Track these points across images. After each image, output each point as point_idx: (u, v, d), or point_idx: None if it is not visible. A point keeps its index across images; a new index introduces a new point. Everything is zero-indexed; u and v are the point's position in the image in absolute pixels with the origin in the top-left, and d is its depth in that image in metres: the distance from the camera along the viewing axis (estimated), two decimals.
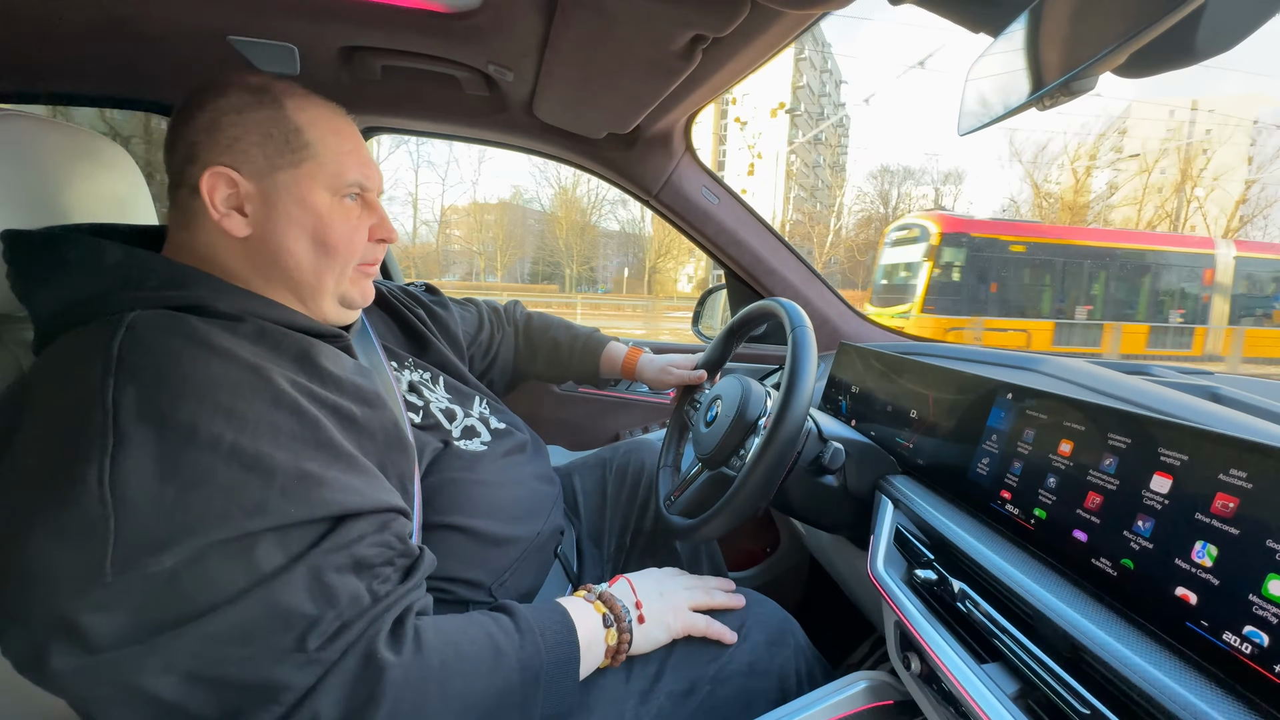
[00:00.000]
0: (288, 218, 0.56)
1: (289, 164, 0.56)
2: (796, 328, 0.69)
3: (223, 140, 0.54)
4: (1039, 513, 0.50)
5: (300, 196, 0.56)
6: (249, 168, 0.54)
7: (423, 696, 0.44)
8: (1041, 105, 0.39)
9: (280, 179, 0.55)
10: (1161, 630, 0.38)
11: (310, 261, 0.58)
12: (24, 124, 0.60)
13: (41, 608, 0.37)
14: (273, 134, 0.55)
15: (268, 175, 0.55)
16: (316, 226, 0.57)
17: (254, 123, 0.55)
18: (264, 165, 0.55)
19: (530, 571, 0.73)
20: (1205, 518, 0.37)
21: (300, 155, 0.56)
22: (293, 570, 0.41)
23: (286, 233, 0.56)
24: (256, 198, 0.55)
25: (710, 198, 1.23)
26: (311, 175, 0.57)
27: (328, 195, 0.58)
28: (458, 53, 0.88)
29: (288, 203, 0.56)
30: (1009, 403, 0.58)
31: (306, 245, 0.57)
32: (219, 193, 0.54)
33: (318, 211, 0.57)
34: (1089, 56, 0.37)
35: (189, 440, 0.41)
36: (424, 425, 0.68)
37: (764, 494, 0.64)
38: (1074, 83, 0.37)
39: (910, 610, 0.53)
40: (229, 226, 0.54)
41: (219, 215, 0.54)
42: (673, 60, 0.72)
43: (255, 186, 0.55)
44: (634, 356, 1.03)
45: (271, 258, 0.56)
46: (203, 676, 0.39)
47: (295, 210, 0.56)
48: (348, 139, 0.60)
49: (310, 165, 0.56)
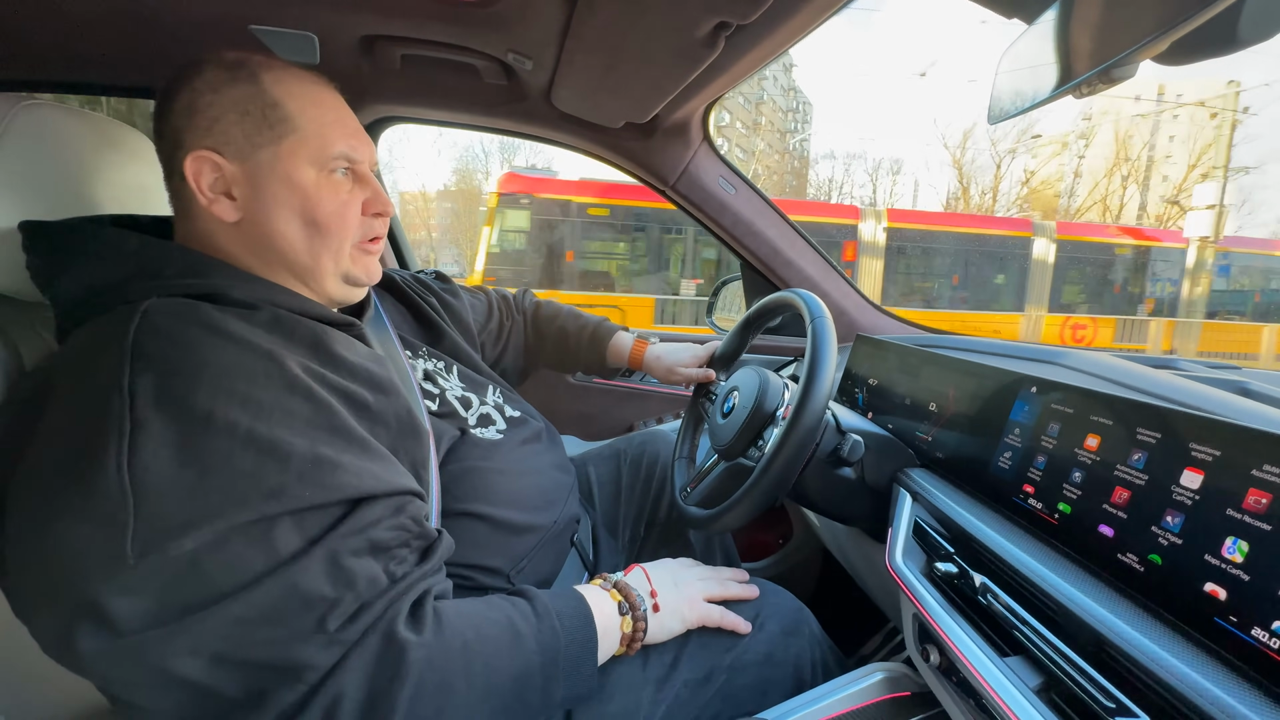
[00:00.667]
0: (274, 198, 0.54)
1: (269, 140, 0.54)
2: (816, 318, 0.69)
3: (202, 123, 0.53)
4: (1063, 507, 0.50)
5: (285, 174, 0.54)
6: (231, 149, 0.53)
7: (447, 675, 0.45)
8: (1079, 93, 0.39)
9: (263, 157, 0.54)
10: (1189, 626, 0.38)
11: (303, 242, 0.56)
12: (50, 113, 0.61)
13: (67, 591, 0.38)
14: (250, 110, 0.53)
15: (250, 155, 0.53)
16: (304, 204, 0.55)
17: (231, 101, 0.53)
18: (245, 145, 0.53)
19: (548, 559, 0.74)
20: (1237, 513, 0.37)
21: (280, 130, 0.54)
22: (310, 553, 0.42)
23: (275, 213, 0.55)
24: (242, 179, 0.54)
25: (727, 188, 1.22)
26: (293, 151, 0.54)
27: (313, 170, 0.55)
28: (478, 41, 0.88)
29: (272, 182, 0.54)
30: (1033, 396, 0.57)
31: (297, 225, 0.55)
32: (204, 178, 0.53)
33: (304, 188, 0.55)
34: (1130, 44, 0.36)
35: (206, 426, 0.41)
36: (441, 413, 0.68)
37: (783, 484, 0.64)
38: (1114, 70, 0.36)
39: (930, 603, 0.53)
40: (218, 212, 0.53)
41: (207, 201, 0.53)
42: (696, 47, 0.72)
43: (239, 168, 0.53)
44: (640, 349, 1.02)
45: (265, 241, 0.55)
46: (228, 658, 0.40)
47: (281, 189, 0.54)
48: (330, 109, 0.58)
49: (292, 140, 0.54)
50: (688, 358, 0.98)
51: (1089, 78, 0.37)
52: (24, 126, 0.58)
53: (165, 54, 0.95)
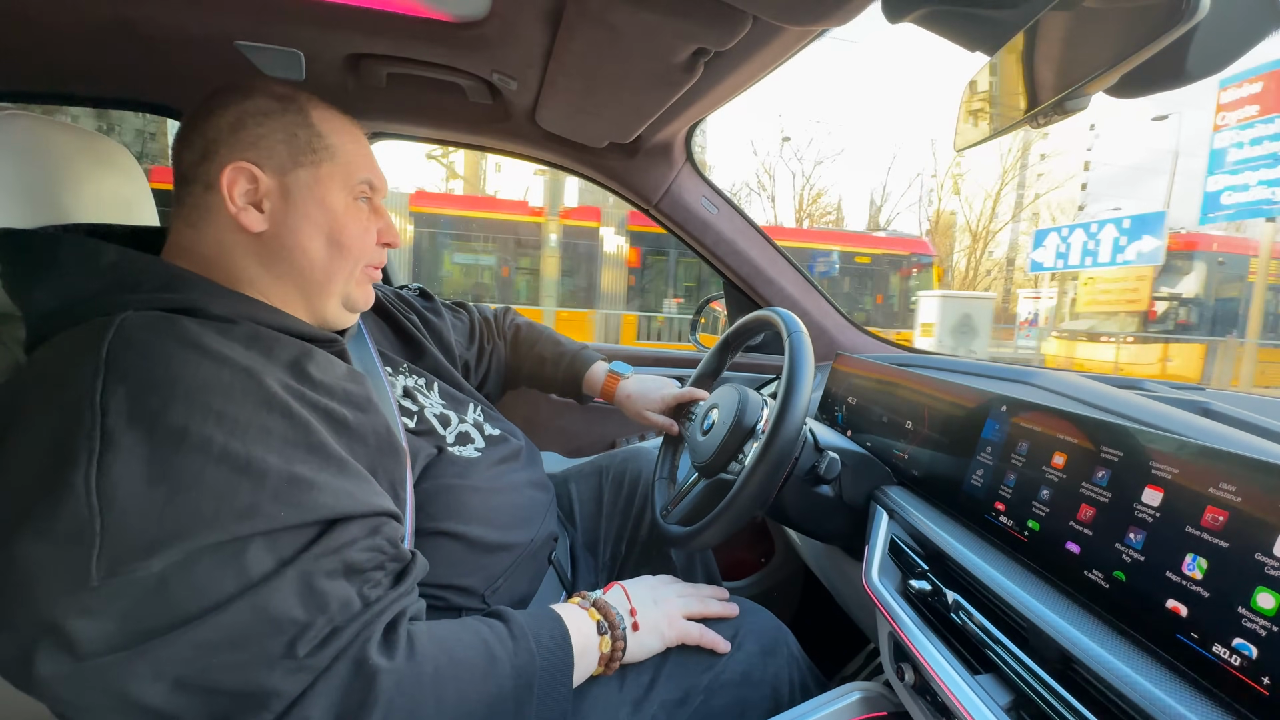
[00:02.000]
0: (305, 215, 0.57)
1: (310, 163, 0.57)
2: (792, 333, 0.70)
3: (248, 138, 0.55)
4: (1032, 524, 0.50)
5: (320, 196, 0.57)
6: (271, 164, 0.55)
7: (416, 703, 0.44)
8: (1035, 123, 0.40)
9: (301, 176, 0.57)
10: (1152, 642, 0.38)
11: (323, 260, 0.58)
12: (28, 123, 0.60)
13: (28, 612, 0.37)
14: (298, 135, 0.57)
15: (290, 172, 0.56)
16: (332, 226, 0.58)
17: (280, 125, 0.56)
18: (287, 162, 0.56)
19: (524, 578, 0.73)
20: (1196, 530, 0.38)
21: (321, 155, 0.58)
22: (283, 575, 0.41)
23: (303, 230, 0.57)
24: (276, 194, 0.56)
25: (710, 207, 1.24)
26: (331, 175, 0.58)
27: (344, 196, 0.59)
28: (463, 61, 0.90)
29: (306, 201, 0.57)
30: (1003, 415, 0.58)
31: (321, 244, 0.58)
32: (239, 187, 0.54)
33: (334, 211, 0.58)
34: (1082, 77, 0.37)
35: (179, 443, 0.40)
36: (418, 430, 0.68)
37: (762, 498, 0.64)
38: (1067, 102, 0.38)
39: (904, 621, 0.53)
40: (245, 221, 0.54)
41: (236, 209, 0.54)
42: (675, 73, 0.73)
43: (276, 182, 0.56)
44: (612, 385, 1.02)
45: (286, 254, 0.57)
46: (191, 683, 0.38)
47: (313, 209, 0.57)
48: (363, 145, 0.62)
49: (329, 166, 0.58)
50: (656, 400, 0.97)
51: (1045, 108, 0.39)
52: (3, 137, 0.57)
53: (151, 69, 0.95)
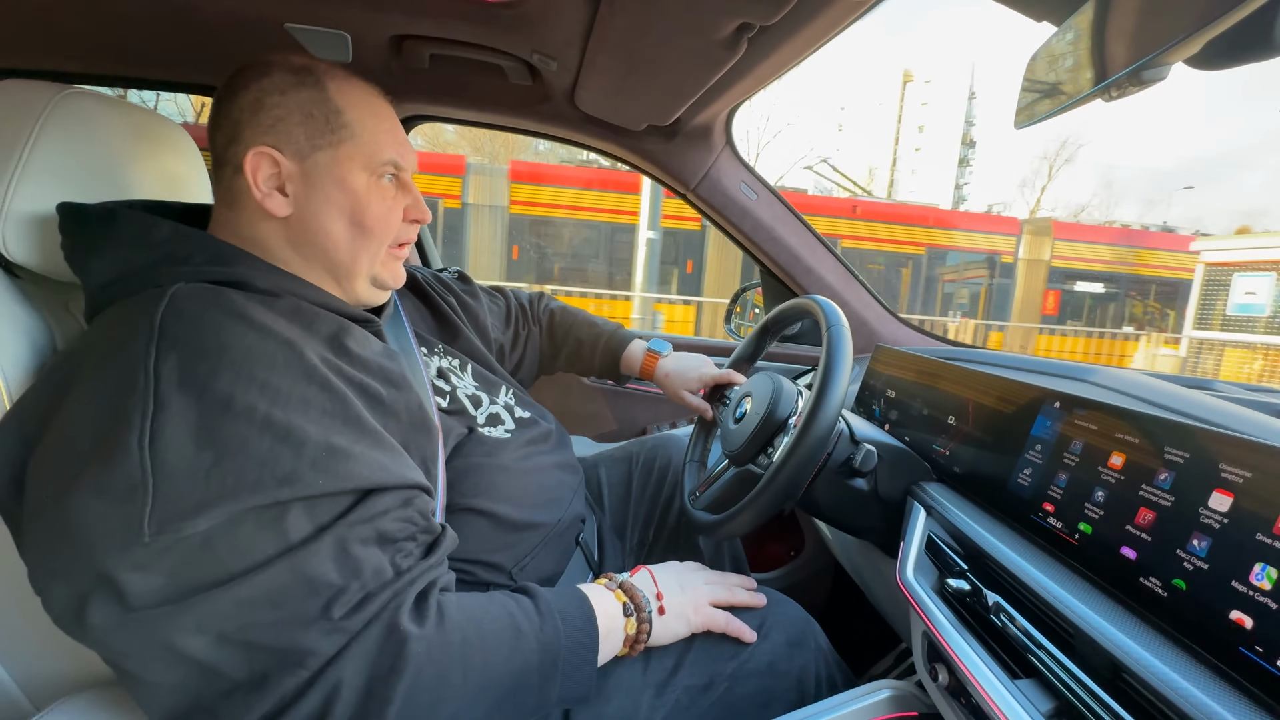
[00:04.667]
0: (326, 198, 0.57)
1: (329, 144, 0.57)
2: (833, 325, 0.67)
3: (266, 120, 0.55)
4: (1084, 527, 0.48)
5: (339, 177, 0.57)
6: (291, 148, 0.55)
7: (444, 670, 0.45)
8: (1108, 96, 0.37)
9: (320, 159, 0.56)
10: (1211, 654, 0.36)
11: (347, 242, 0.59)
12: (90, 102, 0.63)
13: (83, 564, 0.39)
14: (314, 114, 0.56)
15: (309, 155, 0.56)
16: (354, 207, 0.58)
17: (296, 103, 0.56)
18: (305, 145, 0.56)
19: (551, 558, 0.73)
20: (1267, 538, 0.35)
21: (340, 136, 0.57)
22: (320, 540, 0.42)
23: (325, 213, 0.57)
24: (297, 178, 0.56)
25: (749, 193, 1.22)
26: (350, 156, 0.57)
27: (365, 175, 0.58)
28: (503, 41, 0.89)
29: (327, 183, 0.57)
30: (1056, 412, 0.55)
31: (344, 225, 0.58)
32: (262, 172, 0.55)
33: (355, 192, 0.58)
34: (1160, 44, 0.34)
35: (225, 409, 0.42)
36: (450, 410, 0.69)
37: (789, 494, 0.63)
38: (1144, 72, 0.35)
39: (940, 620, 0.51)
40: (271, 206, 0.55)
41: (261, 195, 0.55)
42: (717, 50, 0.71)
43: (297, 167, 0.56)
44: (651, 363, 1.02)
45: (310, 237, 0.58)
46: (233, 639, 0.40)
47: (334, 191, 0.57)
48: (385, 119, 0.61)
49: (349, 146, 0.57)
50: (694, 379, 0.97)
51: (1119, 79, 0.36)
52: (65, 115, 0.60)
53: (204, 52, 0.99)
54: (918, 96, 32.58)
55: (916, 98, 32.63)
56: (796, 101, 33.50)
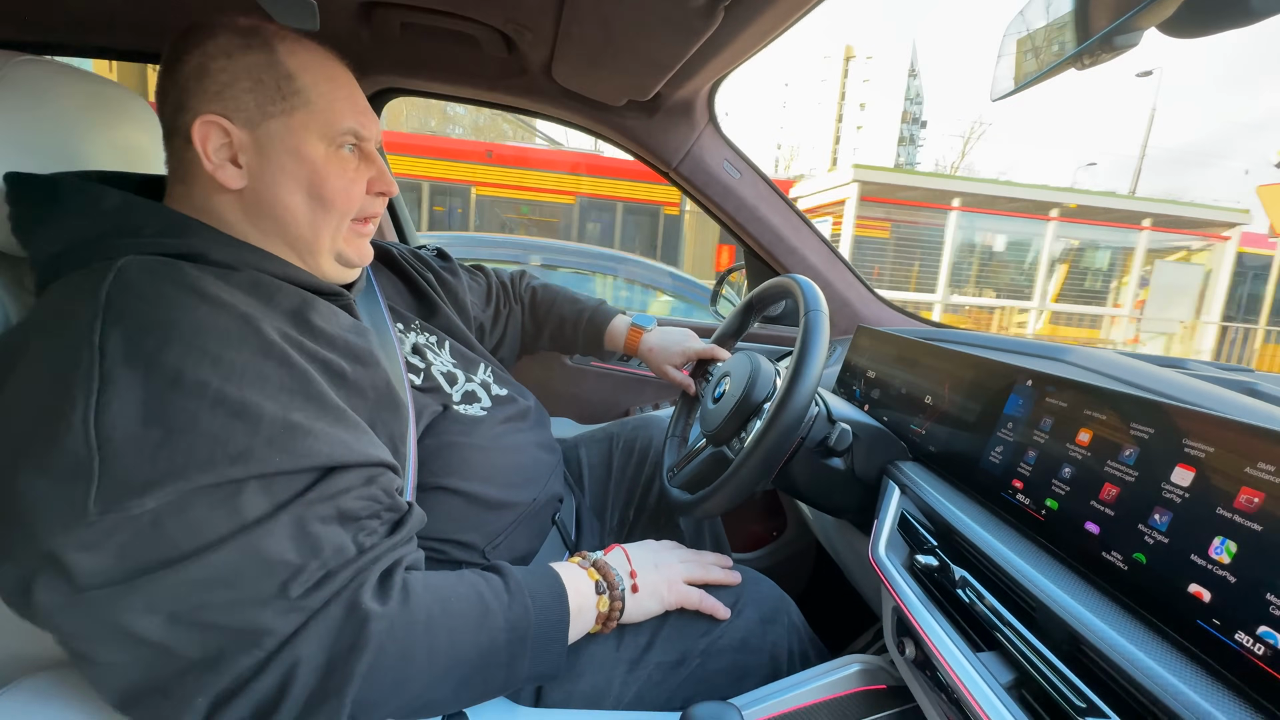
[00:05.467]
0: (281, 169, 0.54)
1: (281, 111, 0.54)
2: (810, 311, 0.66)
3: (213, 87, 0.52)
4: (1051, 503, 0.48)
5: (294, 147, 0.54)
6: (241, 116, 0.53)
7: (408, 648, 0.45)
8: (1080, 64, 0.37)
9: (273, 127, 0.54)
10: (1169, 627, 0.36)
11: (306, 215, 0.56)
12: (42, 69, 0.60)
13: (29, 543, 0.38)
14: (263, 79, 0.53)
15: (260, 124, 0.53)
16: (312, 179, 0.55)
17: (244, 68, 0.53)
18: (256, 113, 0.53)
19: (525, 537, 0.73)
20: (1227, 512, 0.35)
21: (292, 103, 0.54)
22: (277, 518, 0.42)
23: (281, 184, 0.55)
24: (250, 148, 0.53)
25: (732, 172, 1.20)
26: (305, 124, 0.55)
27: (322, 145, 0.56)
28: (475, 9, 0.86)
29: (281, 153, 0.54)
30: (1028, 390, 0.55)
31: (302, 198, 0.56)
32: (212, 142, 0.52)
33: (312, 162, 0.55)
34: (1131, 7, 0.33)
35: (174, 385, 0.40)
36: (424, 387, 0.68)
37: (761, 478, 0.63)
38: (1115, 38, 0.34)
39: (907, 595, 0.51)
40: (223, 178, 0.53)
41: (212, 166, 0.52)
42: (693, 19, 0.69)
43: (248, 136, 0.53)
44: (635, 337, 1.01)
45: (267, 211, 0.55)
46: (186, 618, 0.39)
47: (289, 161, 0.54)
48: (342, 86, 0.57)
49: (303, 114, 0.54)
50: (677, 353, 0.97)
51: (1089, 46, 0.35)
52: (16, 82, 0.57)
53: (163, 18, 0.94)
54: (860, 73, 32.25)
55: (859, 74, 32.30)
56: (739, 79, 33.25)
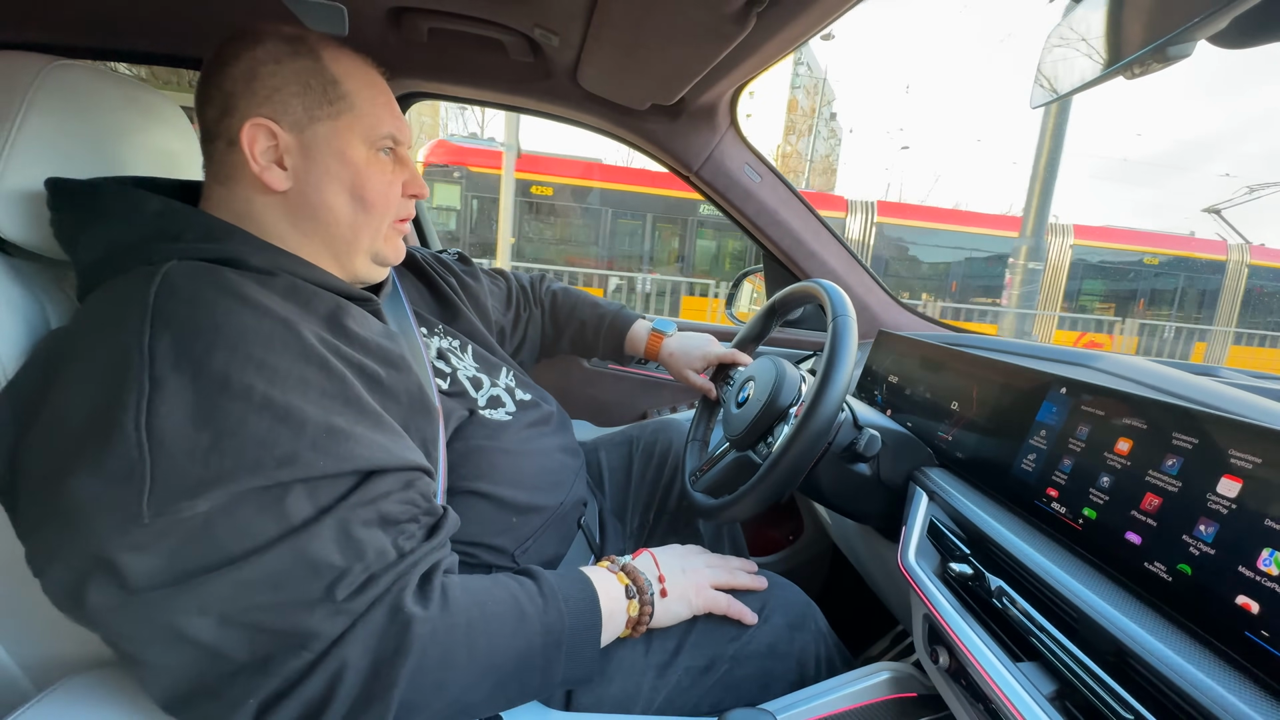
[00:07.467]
0: (326, 171, 0.56)
1: (328, 115, 0.55)
2: (839, 315, 0.66)
3: (261, 91, 0.53)
4: (1089, 512, 0.48)
5: (339, 149, 0.56)
6: (288, 119, 0.54)
7: (449, 651, 0.45)
8: (1130, 73, 0.36)
9: (319, 130, 0.55)
10: (1217, 639, 0.36)
11: (348, 216, 0.57)
12: (80, 74, 0.61)
13: (81, 546, 0.38)
14: (311, 84, 0.54)
15: (307, 127, 0.55)
16: (355, 180, 0.57)
17: (292, 73, 0.54)
18: (303, 116, 0.54)
19: (553, 541, 0.73)
20: (1277, 524, 0.35)
21: (338, 107, 0.56)
22: (321, 522, 0.42)
23: (325, 186, 0.56)
24: (296, 150, 0.55)
25: (752, 175, 1.20)
26: (350, 127, 0.56)
27: (364, 149, 0.57)
28: (505, 15, 0.87)
29: (326, 156, 0.55)
30: (1062, 397, 0.55)
31: (345, 200, 0.57)
32: (259, 145, 0.53)
33: (356, 165, 0.57)
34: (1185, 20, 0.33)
35: (222, 389, 0.41)
36: (450, 392, 0.68)
37: (789, 483, 0.63)
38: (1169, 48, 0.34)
39: (941, 603, 0.51)
40: (269, 180, 0.54)
41: (259, 168, 0.53)
42: (725, 25, 0.70)
43: (295, 139, 0.54)
44: (656, 342, 1.02)
45: (311, 212, 0.56)
46: (235, 620, 0.40)
47: (334, 164, 0.56)
48: (381, 92, 0.60)
49: (348, 117, 0.56)
50: (698, 358, 0.97)
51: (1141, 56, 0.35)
52: (54, 87, 0.58)
53: (198, 23, 0.96)
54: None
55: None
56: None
